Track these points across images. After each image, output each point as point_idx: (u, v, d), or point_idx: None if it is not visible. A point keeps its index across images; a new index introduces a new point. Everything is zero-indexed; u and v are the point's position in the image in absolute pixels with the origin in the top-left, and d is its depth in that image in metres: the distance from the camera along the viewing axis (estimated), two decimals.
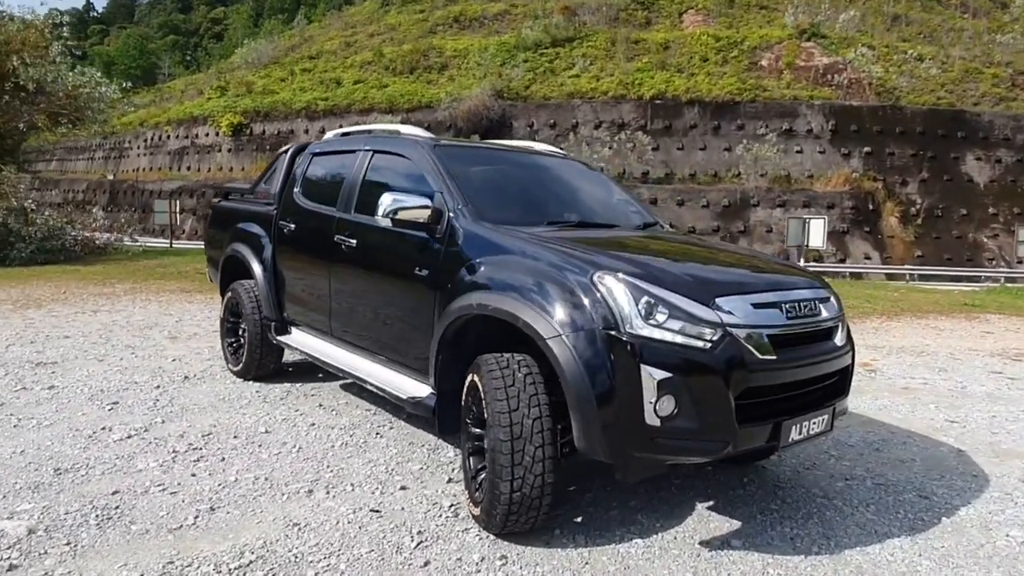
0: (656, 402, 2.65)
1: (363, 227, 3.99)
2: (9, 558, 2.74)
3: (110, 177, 43.88)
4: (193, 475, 3.60)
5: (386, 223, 3.56)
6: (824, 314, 3.19)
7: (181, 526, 3.07)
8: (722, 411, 2.73)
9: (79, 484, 3.44)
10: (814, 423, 3.02)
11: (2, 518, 3.05)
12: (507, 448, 2.83)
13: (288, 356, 5.50)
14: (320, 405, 4.85)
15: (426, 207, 3.50)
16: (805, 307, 3.08)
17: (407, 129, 4.27)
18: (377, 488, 3.53)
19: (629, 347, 2.67)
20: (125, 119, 45.12)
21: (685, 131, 24.85)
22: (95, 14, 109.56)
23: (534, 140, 24.02)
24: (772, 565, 2.92)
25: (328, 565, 2.80)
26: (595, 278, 2.82)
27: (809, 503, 3.57)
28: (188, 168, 37.58)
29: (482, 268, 3.24)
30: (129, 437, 4.11)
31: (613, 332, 2.71)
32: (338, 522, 3.16)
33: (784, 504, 3.54)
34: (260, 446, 4.04)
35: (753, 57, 27.36)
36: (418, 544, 2.99)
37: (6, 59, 15.91)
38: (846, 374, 3.35)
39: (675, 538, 3.14)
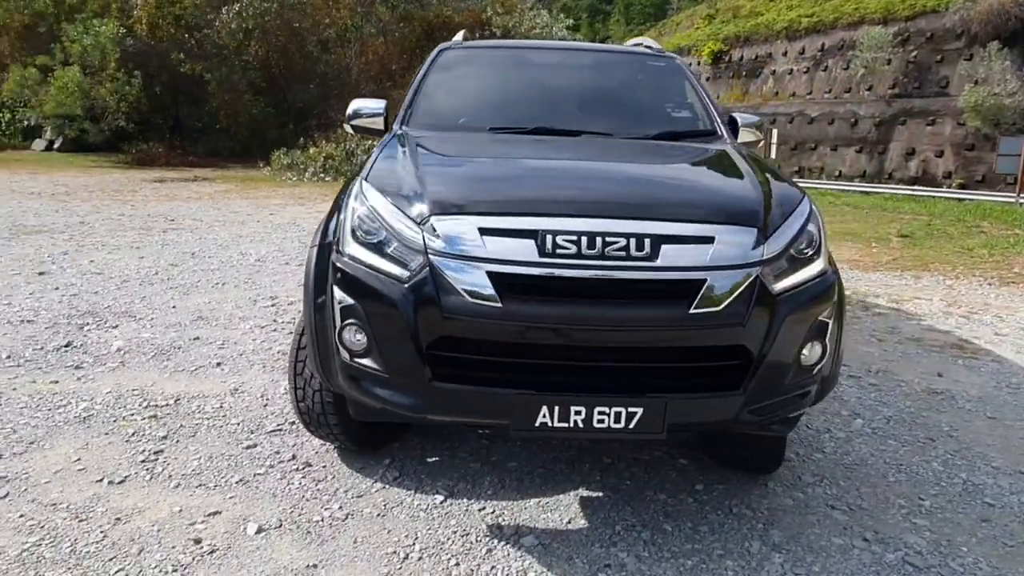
0: (339, 332, 2.25)
1: None
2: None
3: None
4: (174, 306, 4.59)
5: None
6: (661, 262, 2.06)
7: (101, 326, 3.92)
8: (409, 360, 2.13)
9: (80, 297, 4.64)
10: (603, 414, 2.06)
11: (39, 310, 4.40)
12: (291, 357, 2.78)
13: None
14: None
15: (378, 115, 3.43)
16: (612, 245, 2.05)
17: (460, 36, 4.07)
18: None
19: (332, 265, 2.32)
20: None
21: None
22: None
23: None
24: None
25: (196, 423, 3.26)
26: (354, 185, 2.47)
27: (720, 541, 2.43)
28: None
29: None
30: (198, 283, 5.45)
31: (335, 246, 2.37)
32: (262, 395, 3.57)
33: (688, 535, 2.50)
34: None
35: None
36: (274, 431, 3.18)
37: (483, 11, 19.57)
38: (721, 358, 2.11)
39: (479, 510, 2.60)
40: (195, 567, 2.25)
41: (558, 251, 2.06)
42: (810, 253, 2.27)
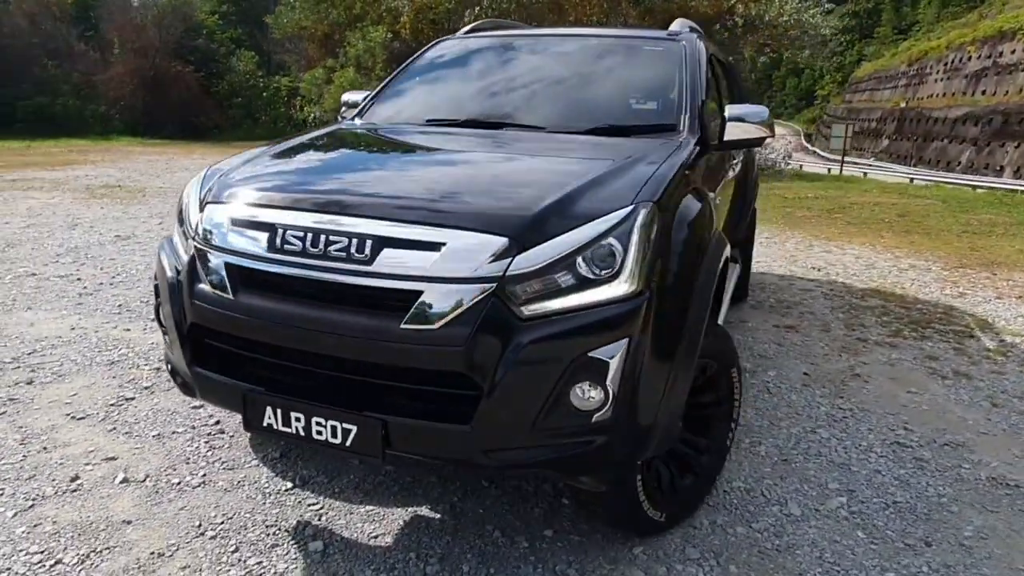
0: (156, 308, 2.38)
1: None
2: None
3: (903, 105, 43.37)
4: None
5: None
6: (377, 267, 1.81)
7: None
8: (176, 342, 2.18)
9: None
10: (320, 425, 1.90)
11: None
12: None
13: None
14: None
15: (356, 105, 3.48)
16: (335, 244, 1.86)
17: (466, 28, 3.91)
18: None
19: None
20: (930, 44, 43.28)
21: None
22: None
23: None
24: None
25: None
26: None
27: None
28: (983, 92, 33.76)
29: None
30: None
31: None
32: None
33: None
34: None
35: None
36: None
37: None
38: (445, 384, 1.79)
39: (310, 504, 2.57)
40: (49, 500, 2.56)
41: (286, 247, 1.96)
42: (604, 273, 1.84)
